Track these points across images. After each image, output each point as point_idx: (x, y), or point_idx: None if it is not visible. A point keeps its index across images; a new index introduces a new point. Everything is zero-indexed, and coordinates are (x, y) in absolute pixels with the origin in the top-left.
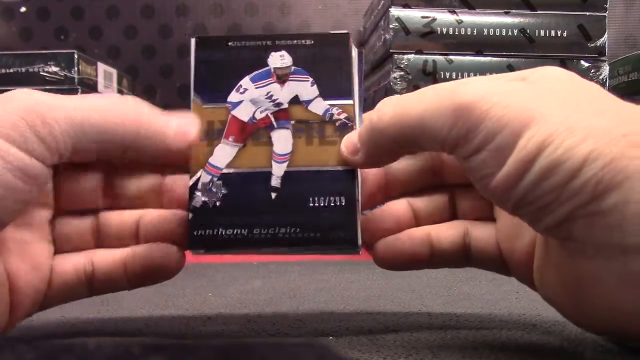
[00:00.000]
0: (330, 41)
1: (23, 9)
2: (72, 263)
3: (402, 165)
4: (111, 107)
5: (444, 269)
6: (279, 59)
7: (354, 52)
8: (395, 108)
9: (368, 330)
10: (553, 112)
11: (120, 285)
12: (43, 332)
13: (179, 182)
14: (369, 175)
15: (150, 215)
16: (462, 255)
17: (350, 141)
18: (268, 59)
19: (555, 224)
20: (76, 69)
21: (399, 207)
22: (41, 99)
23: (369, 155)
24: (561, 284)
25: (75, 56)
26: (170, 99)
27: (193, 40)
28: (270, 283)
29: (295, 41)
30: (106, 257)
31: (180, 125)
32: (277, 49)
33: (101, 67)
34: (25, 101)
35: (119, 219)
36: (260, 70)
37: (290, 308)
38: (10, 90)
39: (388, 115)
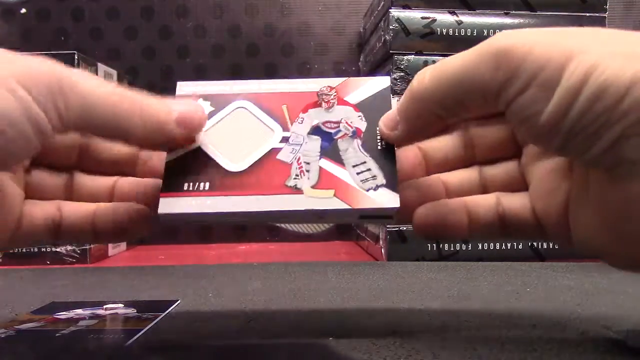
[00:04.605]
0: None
1: (23, 11)
2: (42, 209)
3: (437, 144)
4: (118, 97)
5: (443, 269)
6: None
7: None
8: (432, 70)
9: (368, 331)
10: (593, 44)
11: (85, 237)
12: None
13: (155, 156)
14: (409, 153)
15: (127, 179)
16: (498, 225)
17: (388, 117)
18: None
19: (605, 149)
20: (77, 68)
21: (432, 178)
22: (66, 72)
23: (409, 126)
24: (604, 222)
25: (76, 57)
26: None
27: None
28: (270, 283)
29: None
30: (76, 208)
31: (183, 114)
32: None
33: (101, 68)
34: (53, 68)
35: (93, 180)
36: None
37: (290, 308)
38: None
39: (427, 78)
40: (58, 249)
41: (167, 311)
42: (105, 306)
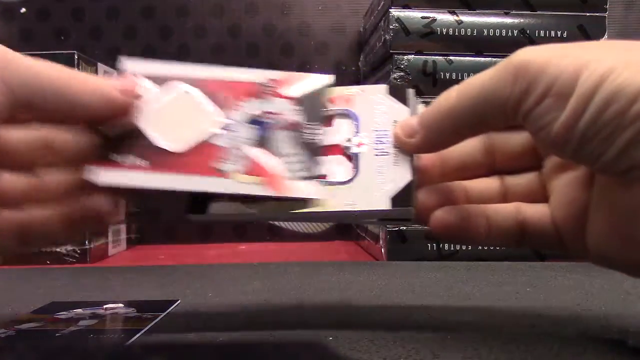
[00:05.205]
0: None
1: (23, 10)
2: (4, 216)
3: (456, 150)
4: (64, 71)
5: (443, 269)
6: None
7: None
8: (459, 87)
9: (368, 331)
10: (608, 54)
11: (54, 234)
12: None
13: None
14: (423, 159)
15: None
16: (517, 233)
17: (407, 124)
18: None
19: (617, 155)
20: (76, 69)
21: (453, 184)
22: (8, 50)
23: (428, 137)
24: (615, 229)
25: (76, 57)
26: None
27: None
28: (270, 283)
29: None
30: (43, 208)
31: (124, 83)
32: None
33: (101, 67)
34: None
35: (59, 176)
36: None
37: (289, 308)
38: None
39: (454, 95)
40: (58, 249)
41: (167, 311)
42: (105, 306)
